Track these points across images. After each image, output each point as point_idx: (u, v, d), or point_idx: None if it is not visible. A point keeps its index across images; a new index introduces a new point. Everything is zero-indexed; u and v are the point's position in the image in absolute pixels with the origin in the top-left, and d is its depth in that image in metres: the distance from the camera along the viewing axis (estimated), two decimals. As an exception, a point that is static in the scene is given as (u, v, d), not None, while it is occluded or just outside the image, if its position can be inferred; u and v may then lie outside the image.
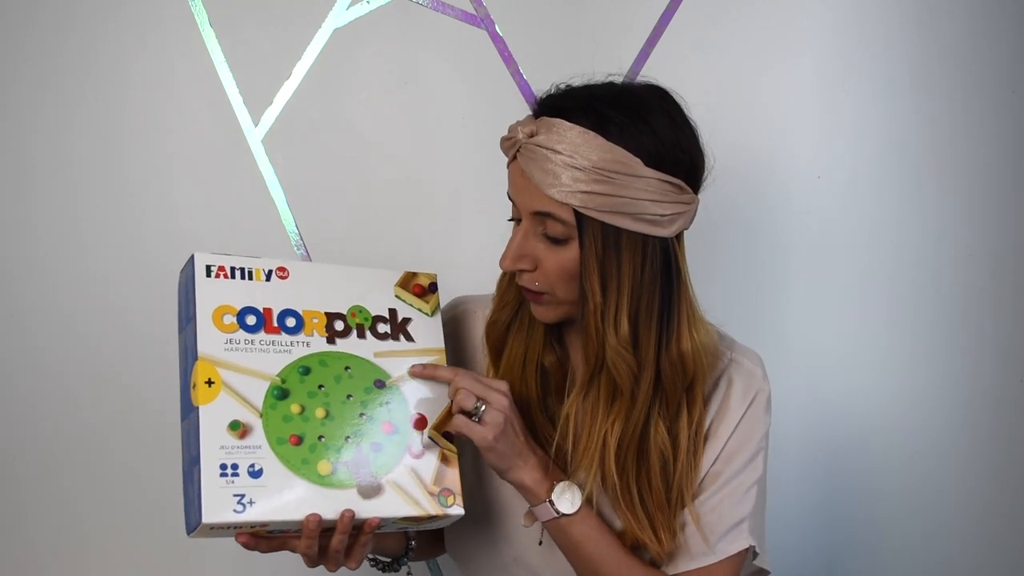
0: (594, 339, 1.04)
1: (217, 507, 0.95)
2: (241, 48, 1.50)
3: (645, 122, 1.01)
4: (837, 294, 1.60)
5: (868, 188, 1.59)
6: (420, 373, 1.08)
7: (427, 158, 1.54)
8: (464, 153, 1.54)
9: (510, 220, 1.09)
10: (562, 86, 1.07)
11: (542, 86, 1.11)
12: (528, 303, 1.10)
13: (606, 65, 1.12)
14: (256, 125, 1.51)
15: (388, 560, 1.20)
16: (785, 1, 1.57)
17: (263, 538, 0.99)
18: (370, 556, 1.18)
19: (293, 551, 1.02)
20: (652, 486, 1.08)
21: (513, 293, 1.13)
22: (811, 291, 1.60)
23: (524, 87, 1.54)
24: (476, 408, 1.03)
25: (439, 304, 1.14)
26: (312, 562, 1.02)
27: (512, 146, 1.04)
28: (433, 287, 1.14)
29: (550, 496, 1.07)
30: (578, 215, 1.00)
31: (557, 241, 1.03)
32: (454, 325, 1.21)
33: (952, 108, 1.59)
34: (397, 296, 1.12)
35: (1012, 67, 1.59)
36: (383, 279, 1.12)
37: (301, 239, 1.53)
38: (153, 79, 1.49)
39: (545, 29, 1.54)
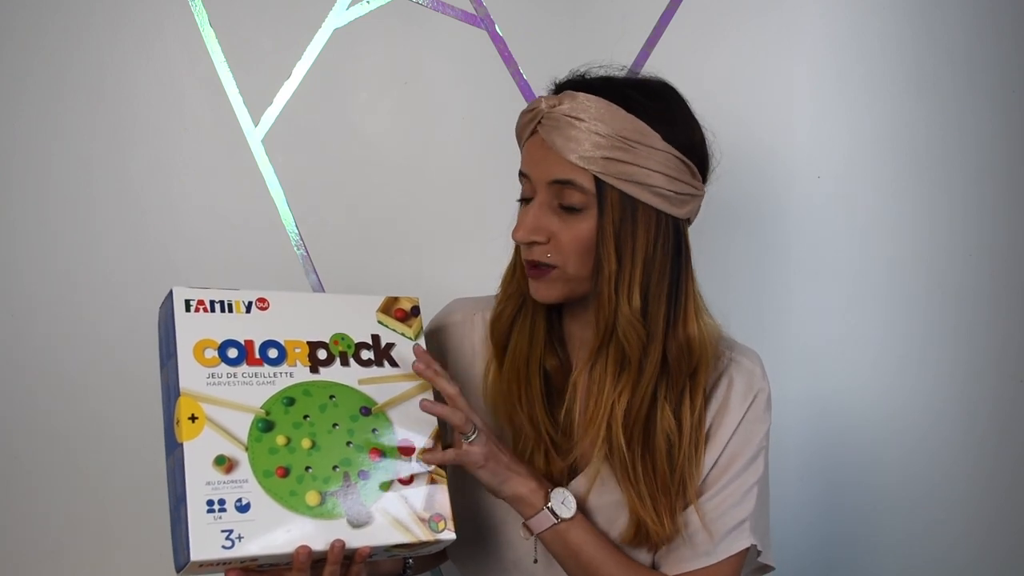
0: (606, 307, 1.05)
1: (205, 544, 0.94)
2: (241, 48, 1.50)
3: (664, 103, 1.06)
4: (837, 293, 1.60)
5: (868, 187, 1.59)
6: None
7: (427, 158, 1.54)
8: (464, 153, 1.54)
9: (519, 200, 1.10)
10: (581, 71, 1.10)
11: (542, 86, 1.12)
12: (530, 298, 1.11)
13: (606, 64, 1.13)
14: (256, 125, 1.51)
15: None
16: (785, 1, 1.57)
17: (254, 572, 0.99)
18: None
19: None
20: (657, 467, 1.08)
21: (516, 286, 1.14)
22: (811, 290, 1.59)
23: (524, 87, 1.54)
24: (472, 433, 1.04)
25: (422, 328, 1.13)
26: None
27: (533, 118, 1.06)
28: (415, 311, 1.13)
29: (547, 502, 1.07)
30: (598, 182, 1.03)
31: (573, 211, 1.05)
32: (449, 332, 1.21)
33: (952, 108, 1.58)
34: (379, 322, 1.11)
35: (1012, 67, 1.59)
36: (364, 305, 1.11)
37: (301, 239, 1.53)
38: (153, 79, 1.48)
39: (545, 29, 1.53)
